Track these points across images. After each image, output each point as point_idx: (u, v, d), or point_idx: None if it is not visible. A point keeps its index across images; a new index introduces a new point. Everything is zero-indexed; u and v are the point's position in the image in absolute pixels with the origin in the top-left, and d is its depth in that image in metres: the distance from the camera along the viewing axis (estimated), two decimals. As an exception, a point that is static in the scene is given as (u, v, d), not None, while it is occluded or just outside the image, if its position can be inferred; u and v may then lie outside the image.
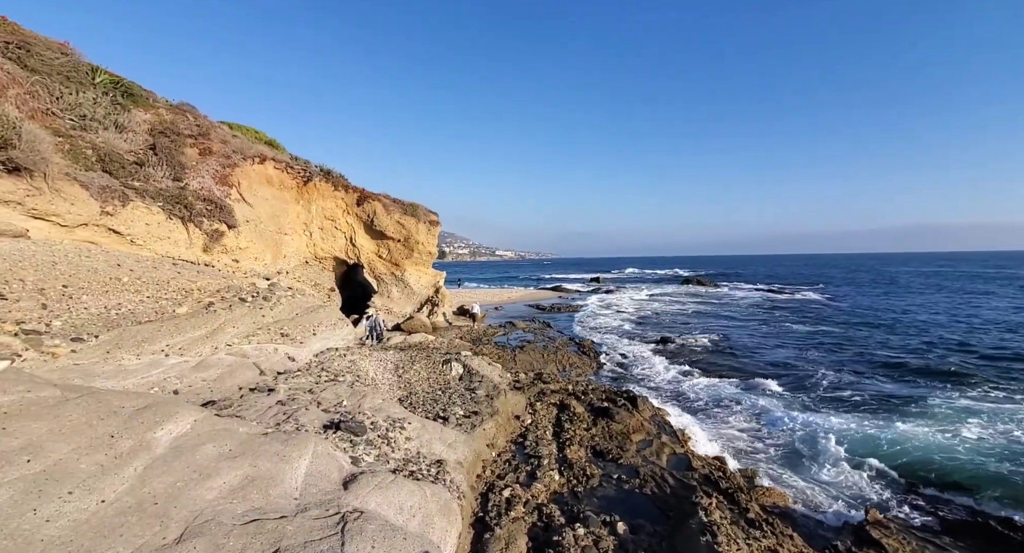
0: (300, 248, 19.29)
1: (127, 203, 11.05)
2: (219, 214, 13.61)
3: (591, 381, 15.95)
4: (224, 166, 14.51)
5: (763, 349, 22.21)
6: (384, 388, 10.47)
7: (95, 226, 10.23)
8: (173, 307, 8.74)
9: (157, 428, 5.00)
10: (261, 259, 15.72)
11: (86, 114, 11.41)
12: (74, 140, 10.84)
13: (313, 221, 20.09)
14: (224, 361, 8.53)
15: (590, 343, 23.11)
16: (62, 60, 11.77)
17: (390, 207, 23.17)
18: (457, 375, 12.51)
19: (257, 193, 16.11)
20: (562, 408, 12.18)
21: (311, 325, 11.45)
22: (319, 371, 9.85)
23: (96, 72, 12.60)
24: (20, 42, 11.07)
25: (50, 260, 7.84)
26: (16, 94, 9.95)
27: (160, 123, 13.55)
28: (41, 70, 11.03)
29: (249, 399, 7.67)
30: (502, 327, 26.75)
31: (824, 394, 15.13)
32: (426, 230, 24.63)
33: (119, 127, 12.17)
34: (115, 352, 7.09)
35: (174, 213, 12.23)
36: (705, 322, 31.49)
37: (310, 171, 19.11)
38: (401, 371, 11.94)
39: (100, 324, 7.30)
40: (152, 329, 7.81)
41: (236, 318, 9.53)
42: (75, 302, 7.34)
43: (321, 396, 8.33)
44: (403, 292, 24.59)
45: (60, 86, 11.23)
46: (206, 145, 14.19)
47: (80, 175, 10.43)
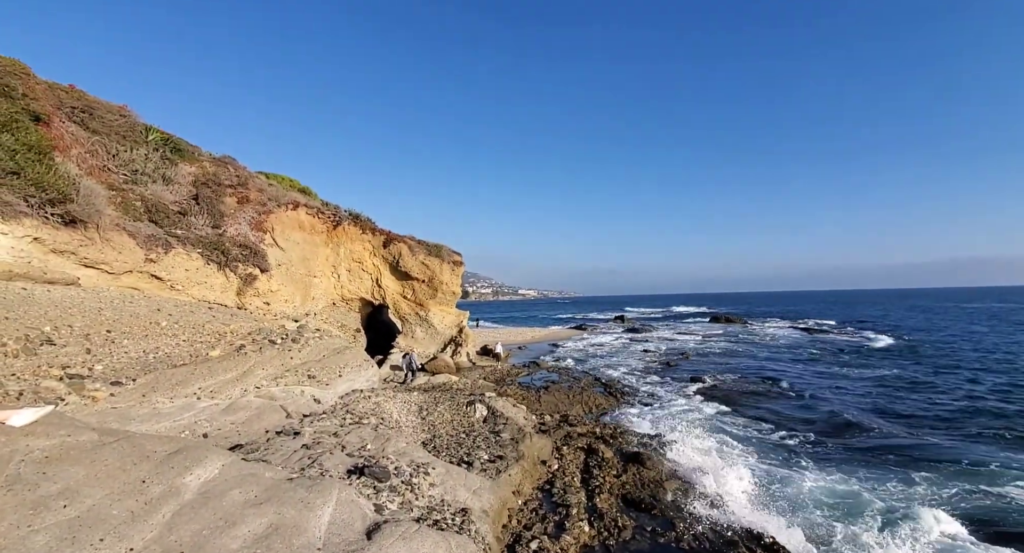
0: (328, 290, 19.80)
1: (169, 250, 11.68)
2: (253, 259, 14.21)
3: (619, 424, 15.40)
4: (260, 213, 15.27)
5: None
6: (408, 431, 10.35)
7: (139, 273, 10.81)
8: (207, 350, 9.01)
9: (187, 473, 5.04)
10: (291, 301, 16.17)
11: (138, 169, 12.34)
12: (126, 193, 11.68)
13: (341, 263, 20.71)
14: (252, 404, 8.64)
15: (616, 383, 22.48)
16: (120, 121, 12.91)
17: (415, 248, 23.74)
18: (481, 417, 12.29)
19: (290, 238, 16.80)
20: (590, 453, 11.74)
21: (337, 367, 11.56)
22: (344, 413, 9.84)
23: (149, 131, 13.73)
24: (85, 107, 12.23)
25: (97, 306, 8.26)
26: (78, 153, 10.88)
27: (203, 175, 14.51)
28: (101, 131, 12.09)
29: (275, 442, 7.70)
30: (526, 367, 26.36)
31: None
32: (450, 270, 25.00)
33: (166, 180, 13.09)
34: (151, 395, 7.28)
35: (212, 259, 12.83)
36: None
37: (339, 215, 19.90)
38: (425, 413, 11.81)
39: (138, 368, 7.56)
40: (186, 372, 8.03)
41: (265, 360, 9.72)
42: (117, 346, 7.65)
43: (346, 440, 8.28)
44: (427, 332, 24.71)
45: (117, 144, 12.25)
46: (244, 194, 15.04)
47: (129, 225, 11.15)
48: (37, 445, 4.61)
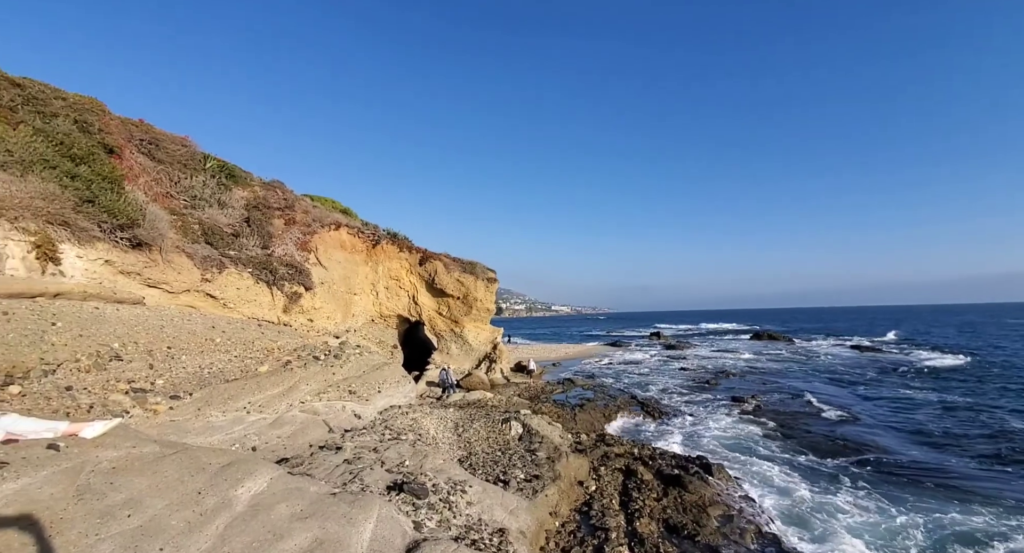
0: (367, 307, 20.39)
1: (223, 270, 12.41)
2: (298, 277, 14.86)
3: (658, 444, 14.95)
4: (305, 234, 16.03)
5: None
6: (444, 447, 10.42)
7: (196, 292, 11.52)
8: (256, 366, 9.44)
9: (238, 486, 5.27)
10: (333, 318, 16.75)
11: (197, 194, 13.26)
12: (185, 217, 12.55)
13: (379, 281, 21.32)
14: (297, 418, 8.96)
15: (653, 402, 21.87)
16: (182, 151, 13.97)
17: (450, 266, 24.15)
18: (516, 435, 12.23)
19: (332, 257, 17.49)
20: (628, 474, 11.44)
21: (376, 382, 11.83)
22: (383, 429, 10.04)
23: (207, 159, 14.77)
24: (152, 139, 13.33)
25: (159, 324, 8.85)
26: (145, 182, 11.82)
27: (255, 198, 15.41)
28: (166, 160, 13.12)
29: (319, 457, 7.93)
30: (560, 384, 26.08)
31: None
32: (484, 287, 25.24)
33: (222, 204, 13.99)
34: (205, 409, 7.68)
35: (261, 278, 13.52)
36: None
37: (378, 234, 20.58)
38: (461, 430, 11.87)
39: (195, 382, 8.01)
40: (237, 387, 8.44)
41: (310, 376, 10.08)
42: (176, 362, 8.15)
43: (385, 455, 8.43)
44: (462, 348, 24.92)
45: (179, 172, 13.24)
46: (291, 216, 15.85)
47: (187, 247, 11.95)
48: (105, 456, 4.93)
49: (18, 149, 8.92)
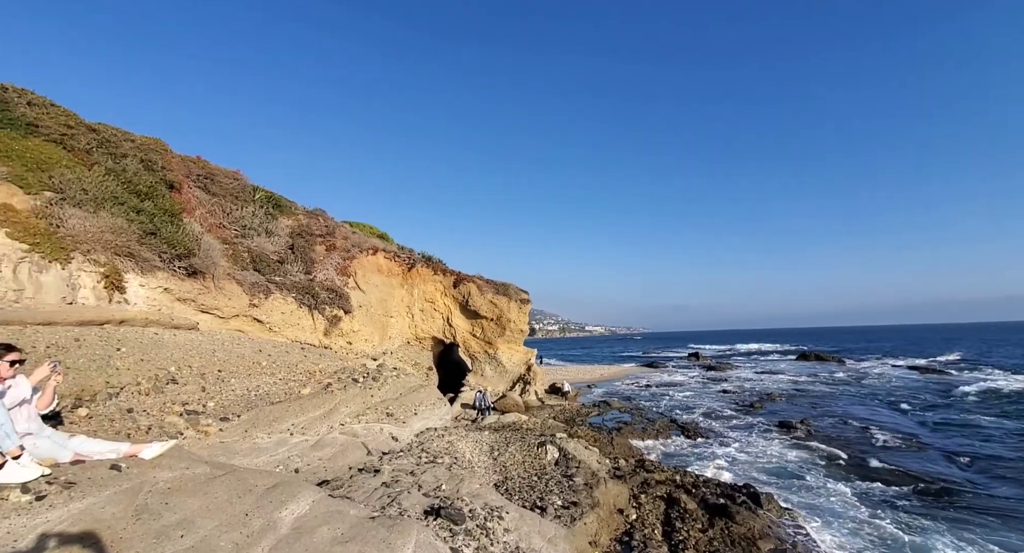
0: (403, 329, 20.78)
1: (269, 295, 13.01)
2: (338, 301, 15.39)
3: (702, 471, 14.31)
4: (344, 259, 16.65)
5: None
6: (480, 471, 10.36)
7: (244, 316, 12.11)
8: (299, 388, 9.76)
9: (282, 508, 5.40)
10: (371, 341, 17.16)
11: (246, 224, 14.08)
12: (235, 246, 13.32)
13: (415, 303, 21.75)
14: (337, 440, 9.15)
15: (694, 426, 21.03)
16: (234, 184, 14.95)
17: (483, 287, 24.39)
18: (553, 459, 12.01)
19: (370, 280, 18.04)
20: (671, 503, 10.98)
21: (413, 405, 11.96)
22: (419, 452, 10.10)
23: (256, 191, 15.72)
24: (207, 174, 14.34)
25: (211, 348, 9.34)
26: (200, 213, 12.67)
27: (298, 226, 16.21)
28: (219, 193, 14.05)
29: (358, 480, 8.05)
30: (596, 407, 25.51)
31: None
32: (517, 308, 25.29)
33: (268, 233, 14.78)
34: (252, 431, 7.98)
35: (303, 302, 14.08)
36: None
37: (413, 258, 21.11)
38: (496, 453, 11.78)
39: (242, 405, 8.36)
40: (282, 409, 8.74)
41: (349, 398, 10.32)
42: (225, 385, 8.54)
43: (422, 479, 8.46)
44: (496, 370, 24.88)
45: (231, 204, 14.12)
46: (332, 242, 16.53)
47: (237, 274, 12.63)
48: (161, 477, 5.18)
49: (92, 188, 9.81)
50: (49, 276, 8.47)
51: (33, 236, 8.30)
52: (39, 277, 8.35)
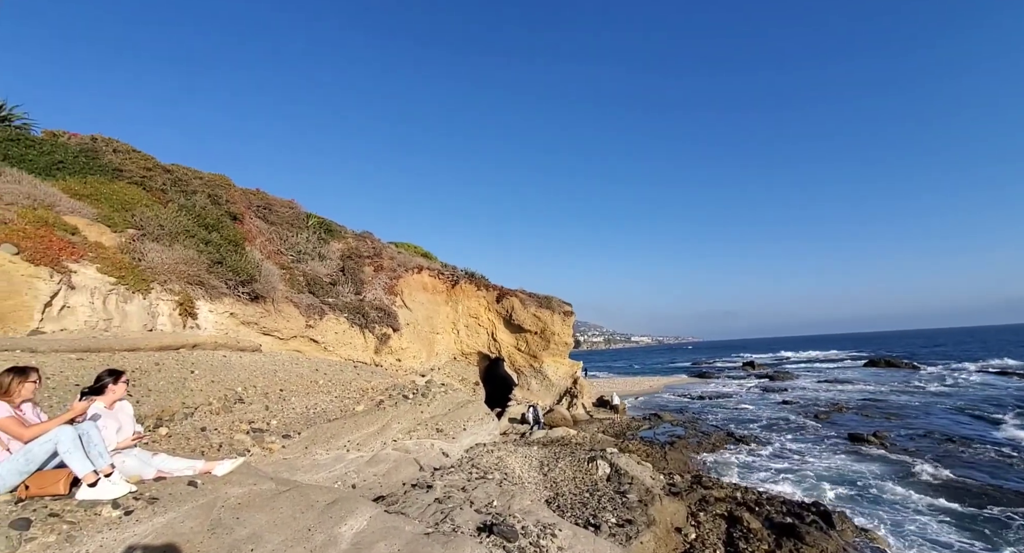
0: (449, 345, 21.16)
1: (323, 316, 13.68)
2: (387, 319, 15.93)
3: (765, 488, 13.54)
4: (391, 278, 17.27)
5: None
6: (531, 487, 10.30)
7: (301, 337, 12.78)
8: (353, 405, 10.15)
9: (342, 523, 5.61)
10: (418, 357, 17.59)
11: (301, 249, 14.95)
12: (292, 270, 14.15)
13: (460, 319, 22.12)
14: (391, 457, 9.40)
15: (754, 439, 19.96)
16: (289, 212, 15.96)
17: (526, 301, 24.47)
18: (604, 475, 11.77)
19: (416, 298, 18.58)
20: (732, 521, 10.45)
21: (462, 420, 12.11)
22: (470, 467, 10.18)
23: (309, 218, 16.70)
24: (266, 204, 15.40)
25: (273, 368, 9.91)
26: (260, 241, 13.59)
27: (348, 249, 17.01)
28: (277, 222, 15.04)
29: (411, 495, 8.22)
30: (646, 420, 24.77)
31: None
32: (561, 321, 25.15)
33: (321, 256, 15.60)
34: (311, 448, 8.36)
35: (355, 322, 14.69)
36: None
37: (457, 275, 21.56)
38: (546, 469, 11.69)
39: (302, 422, 8.79)
40: (338, 426, 9.10)
41: (400, 414, 10.60)
42: (287, 403, 9.02)
43: (473, 495, 8.52)
44: (542, 384, 24.75)
45: (287, 231, 15.06)
46: (379, 262, 17.21)
47: (294, 297, 13.38)
48: (232, 493, 5.50)
49: (168, 223, 10.81)
50: (133, 306, 9.34)
51: (119, 270, 9.21)
52: (124, 307, 9.22)
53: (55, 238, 8.41)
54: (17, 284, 7.68)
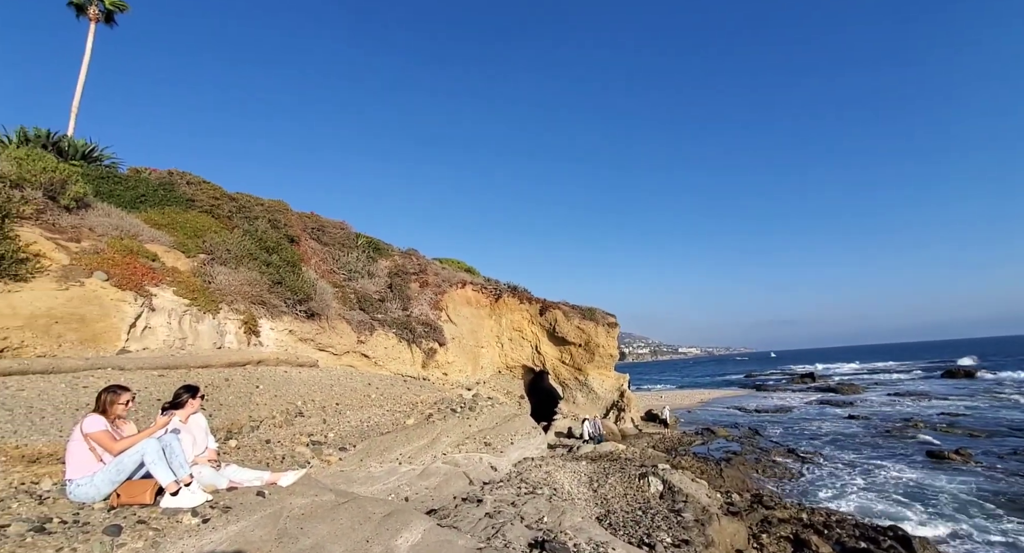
0: (494, 358, 21.31)
1: (374, 332, 14.18)
2: (433, 334, 16.31)
3: (833, 509, 12.66)
4: (436, 294, 17.70)
5: None
6: (581, 504, 10.15)
7: (354, 353, 13.30)
8: (404, 419, 10.42)
9: (398, 536, 5.74)
10: (464, 371, 17.83)
11: (352, 268, 15.65)
12: (344, 288, 14.82)
13: (503, 333, 22.27)
14: (441, 470, 9.55)
15: (818, 456, 18.72)
16: (341, 233, 16.80)
17: (569, 314, 24.33)
18: (657, 492, 11.41)
19: (460, 313, 18.91)
20: (799, 545, 9.84)
21: (509, 434, 12.14)
22: (518, 482, 10.17)
23: (358, 237, 17.49)
24: (319, 226, 16.29)
25: (329, 383, 10.37)
26: (315, 262, 14.35)
27: (395, 267, 17.64)
28: (329, 243, 15.86)
29: (462, 509, 8.30)
30: (699, 435, 23.82)
31: None
32: (605, 333, 24.79)
33: (370, 274, 16.27)
34: (366, 460, 8.64)
35: (403, 337, 15.14)
36: (1002, 430, 22.74)
37: (500, 289, 21.79)
38: (596, 485, 11.48)
39: (357, 435, 9.11)
40: (390, 439, 9.37)
41: (449, 428, 10.77)
42: (342, 417, 9.40)
43: (523, 510, 8.50)
44: (588, 397, 24.39)
45: (338, 251, 15.83)
46: (424, 279, 17.72)
47: (346, 313, 13.97)
48: (296, 503, 5.77)
49: (234, 247, 11.67)
50: (204, 325, 10.09)
51: (192, 292, 10.01)
52: (197, 326, 9.98)
53: (138, 265, 9.28)
54: (107, 308, 8.51)
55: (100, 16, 18.91)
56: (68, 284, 8.08)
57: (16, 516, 4.06)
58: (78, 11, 18.76)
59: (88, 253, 8.79)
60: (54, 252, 8.36)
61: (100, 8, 18.82)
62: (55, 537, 3.78)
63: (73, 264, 8.41)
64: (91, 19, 18.62)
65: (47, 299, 7.81)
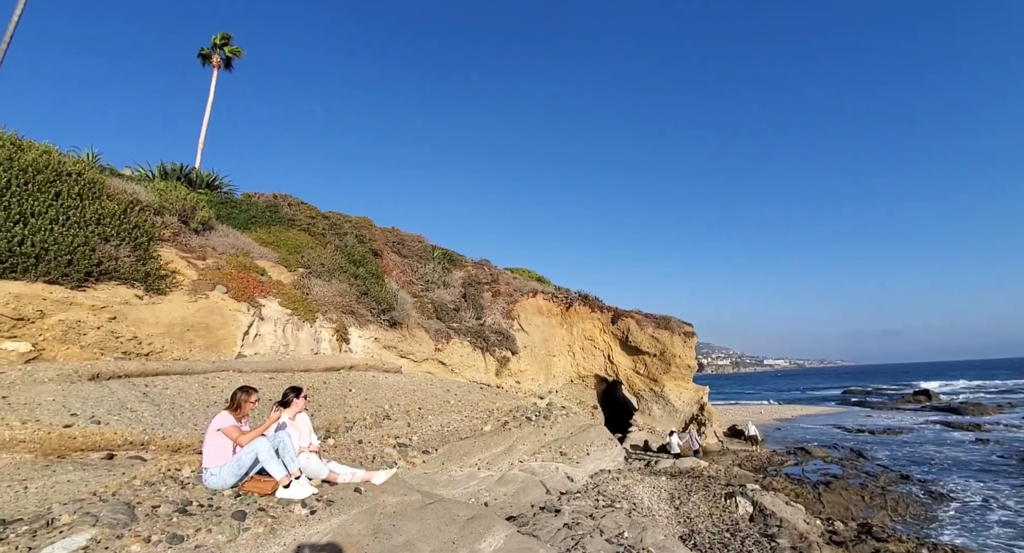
0: (566, 367, 21.21)
1: (449, 340, 14.76)
2: (506, 343, 16.62)
3: (960, 546, 11.08)
4: (508, 303, 18.04)
5: None
6: (662, 521, 9.78)
7: (432, 360, 13.92)
8: (481, 425, 10.69)
9: (481, 540, 5.91)
10: (536, 379, 17.94)
11: (429, 279, 16.45)
12: (422, 298, 15.61)
13: (575, 342, 22.11)
14: (518, 477, 9.67)
15: (938, 485, 16.47)
16: (419, 246, 17.77)
17: (643, 322, 23.62)
18: (746, 514, 10.69)
19: (532, 322, 19.10)
20: (918, 586, 8.75)
21: (584, 444, 12.02)
22: (595, 494, 10.03)
23: (435, 249, 18.37)
24: (399, 240, 17.35)
25: (411, 388, 10.93)
26: (396, 274, 15.27)
27: (468, 277, 18.26)
28: (408, 255, 16.83)
29: (540, 518, 8.35)
30: (791, 454, 21.90)
31: None
32: (682, 342, 23.73)
33: (445, 284, 16.99)
34: (447, 464, 8.98)
35: (476, 345, 15.59)
36: None
37: (571, 297, 21.71)
38: (678, 502, 10.99)
39: (438, 439, 9.51)
40: (469, 445, 9.66)
41: (525, 436, 10.89)
42: (424, 421, 9.86)
43: (602, 523, 8.38)
44: (664, 409, 23.42)
45: (416, 263, 16.73)
46: (496, 288, 18.15)
47: (424, 322, 14.68)
48: (388, 501, 6.12)
49: (327, 261, 12.82)
50: (303, 333, 11.13)
51: (293, 303, 11.11)
52: (297, 334, 11.03)
53: (251, 279, 10.49)
54: (226, 317, 9.69)
55: (221, 63, 22.08)
56: (197, 297, 9.32)
57: (164, 498, 4.72)
58: (204, 60, 22.19)
59: (212, 269, 10.10)
60: (186, 269, 9.70)
61: (221, 56, 21.99)
62: (195, 518, 4.35)
63: (200, 279, 9.70)
64: (214, 66, 21.80)
65: (181, 310, 9.06)
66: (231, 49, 22.24)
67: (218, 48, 22.01)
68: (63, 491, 4.76)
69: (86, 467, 5.33)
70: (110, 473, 5.29)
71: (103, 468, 5.41)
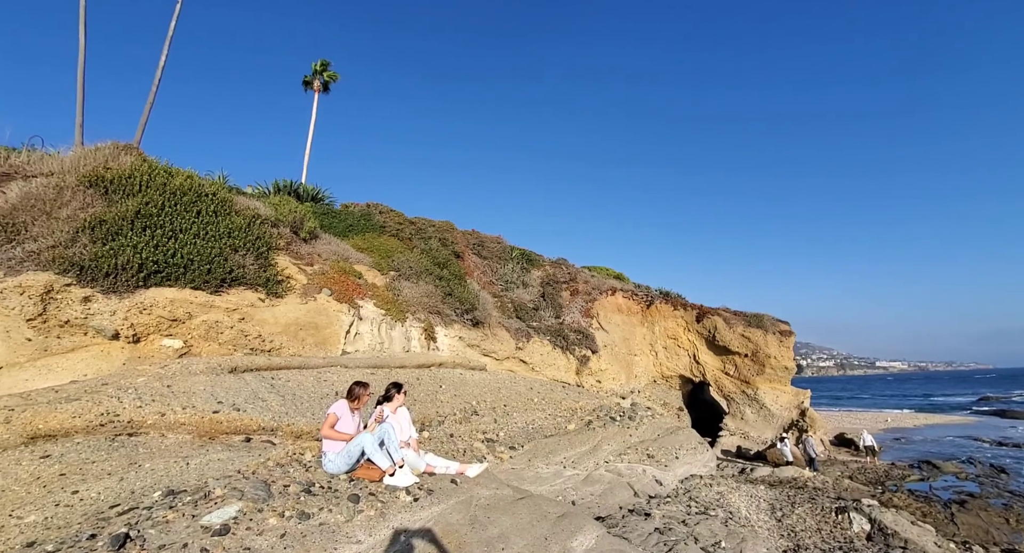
0: (648, 367, 20.58)
1: (529, 339, 14.98)
2: (585, 341, 16.51)
3: None
4: (587, 302, 17.90)
5: None
6: (763, 533, 9.18)
7: (513, 358, 14.23)
8: (565, 424, 10.76)
9: (572, 538, 5.96)
10: (617, 379, 17.62)
11: (508, 279, 16.83)
12: (502, 298, 16.01)
13: (657, 341, 21.36)
14: (604, 478, 9.61)
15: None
16: (497, 247, 18.24)
17: (731, 320, 22.21)
18: (862, 531, 9.70)
19: (611, 320, 18.78)
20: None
21: (673, 448, 11.62)
22: (687, 500, 9.67)
23: (513, 250, 18.76)
24: (479, 242, 17.95)
25: (496, 386, 11.29)
26: (477, 275, 15.81)
27: (546, 276, 18.39)
28: (488, 257, 17.34)
29: (630, 521, 8.23)
30: (915, 468, 19.41)
31: None
32: (777, 342, 21.96)
33: (524, 284, 17.27)
34: (533, 461, 9.16)
35: (556, 344, 15.67)
36: None
37: (651, 295, 21.02)
38: (779, 514, 10.25)
39: (523, 436, 9.73)
40: (554, 442, 9.77)
41: (609, 436, 10.78)
42: (510, 418, 10.14)
43: (696, 530, 8.07)
44: (758, 414, 21.84)
45: (496, 264, 17.19)
46: (575, 287, 18.09)
47: (504, 321, 15.03)
48: (482, 494, 6.37)
49: (414, 265, 13.65)
50: (395, 332, 11.95)
51: (386, 304, 11.97)
52: (390, 333, 11.87)
53: (350, 282, 11.48)
54: (331, 317, 10.68)
55: (321, 87, 24.62)
56: (307, 299, 10.39)
57: (293, 479, 5.33)
58: (306, 86, 24.96)
59: (318, 274, 11.21)
60: (297, 274, 10.85)
61: (320, 81, 24.54)
62: (317, 498, 4.88)
63: (309, 283, 10.80)
64: (315, 91, 24.39)
65: (294, 311, 10.16)
66: (329, 74, 24.96)
67: (318, 74, 24.72)
68: (215, 468, 5.58)
69: (231, 448, 6.19)
70: (249, 454, 6.10)
71: (243, 449, 6.25)
